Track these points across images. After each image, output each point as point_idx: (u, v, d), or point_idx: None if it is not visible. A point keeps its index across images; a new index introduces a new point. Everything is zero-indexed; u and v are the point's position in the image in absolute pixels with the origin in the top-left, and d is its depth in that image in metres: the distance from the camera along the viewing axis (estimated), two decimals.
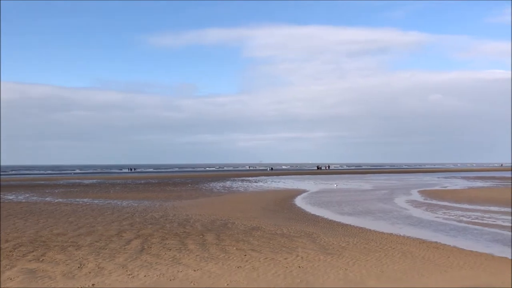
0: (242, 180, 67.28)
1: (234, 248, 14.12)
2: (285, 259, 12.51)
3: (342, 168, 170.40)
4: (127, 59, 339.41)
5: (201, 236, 16.33)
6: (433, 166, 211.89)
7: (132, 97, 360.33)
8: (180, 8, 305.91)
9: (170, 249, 13.86)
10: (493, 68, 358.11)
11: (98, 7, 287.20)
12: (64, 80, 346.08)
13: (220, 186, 51.49)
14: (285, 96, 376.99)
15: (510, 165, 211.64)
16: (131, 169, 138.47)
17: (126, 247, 14.27)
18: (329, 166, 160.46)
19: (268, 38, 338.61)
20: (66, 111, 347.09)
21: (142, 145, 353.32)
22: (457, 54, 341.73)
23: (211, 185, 54.31)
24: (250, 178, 74.86)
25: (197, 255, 12.98)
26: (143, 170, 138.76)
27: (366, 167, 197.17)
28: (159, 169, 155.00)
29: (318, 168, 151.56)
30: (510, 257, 13.17)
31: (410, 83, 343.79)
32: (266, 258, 12.65)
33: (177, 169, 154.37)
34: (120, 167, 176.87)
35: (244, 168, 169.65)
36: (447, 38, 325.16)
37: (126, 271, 11.18)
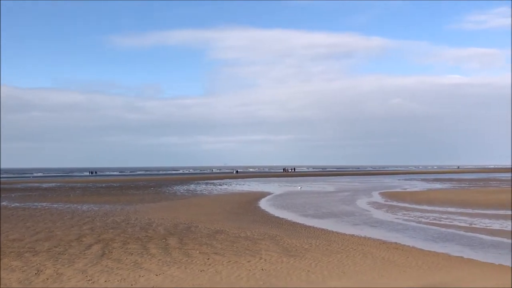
0: (207, 183, 66.97)
1: (197, 251, 14.03)
2: (248, 262, 12.52)
3: (307, 170, 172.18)
4: (90, 59, 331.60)
5: (164, 240, 16.14)
6: (394, 168, 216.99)
7: (95, 98, 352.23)
8: (145, 9, 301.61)
9: (132, 254, 13.63)
10: (451, 74, 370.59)
11: (61, 7, 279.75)
12: (23, 80, 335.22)
13: (184, 190, 51.06)
14: (250, 99, 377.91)
15: (466, 167, 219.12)
16: (92, 172, 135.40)
17: (86, 252, 13.95)
18: (294, 169, 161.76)
19: (234, 41, 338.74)
20: (24, 112, 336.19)
21: (105, 148, 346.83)
22: (418, 59, 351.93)
23: (174, 188, 53.79)
24: (214, 181, 74.59)
25: (159, 259, 12.82)
26: (104, 173, 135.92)
27: (330, 169, 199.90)
28: (122, 172, 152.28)
29: (284, 170, 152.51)
30: (465, 257, 13.63)
31: (372, 87, 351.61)
32: (230, 261, 12.62)
33: (140, 172, 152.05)
34: (82, 170, 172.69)
35: (208, 170, 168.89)
36: (408, 44, 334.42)
37: (86, 276, 10.93)
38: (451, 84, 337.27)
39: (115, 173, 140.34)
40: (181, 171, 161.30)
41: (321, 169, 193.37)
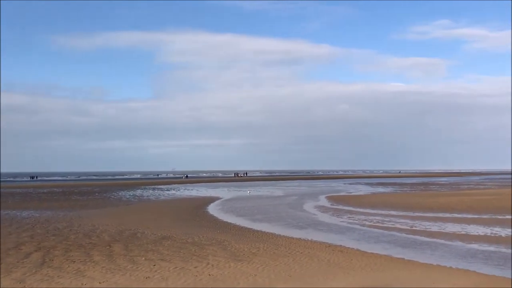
0: (154, 189, 65.82)
1: (143, 258, 13.76)
2: (195, 267, 12.43)
3: (259, 175, 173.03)
4: (32, 60, 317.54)
5: (108, 247, 15.72)
6: (341, 173, 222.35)
7: (37, 101, 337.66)
8: (92, 9, 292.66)
9: (74, 261, 13.18)
10: (395, 82, 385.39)
11: (5, 6, 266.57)
12: None
13: (129, 195, 49.95)
14: (200, 103, 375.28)
15: (408, 172, 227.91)
16: (33, 177, 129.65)
17: (25, 260, 13.34)
18: (246, 173, 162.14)
19: (185, 44, 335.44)
20: None
21: (48, 152, 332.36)
22: (363, 67, 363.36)
23: (120, 194, 52.50)
24: (162, 186, 73.44)
25: (103, 267, 12.47)
26: (47, 178, 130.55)
27: (281, 173, 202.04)
28: (65, 177, 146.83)
29: (236, 175, 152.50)
30: (406, 258, 14.15)
31: (321, 93, 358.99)
32: (176, 267, 12.47)
33: (84, 177, 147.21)
34: (23, 175, 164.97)
35: (156, 176, 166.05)
36: (355, 52, 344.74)
37: (24, 286, 10.45)
38: (394, 91, 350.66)
39: (58, 178, 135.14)
40: (127, 176, 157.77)
41: (271, 174, 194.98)
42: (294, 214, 28.70)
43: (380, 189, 60.73)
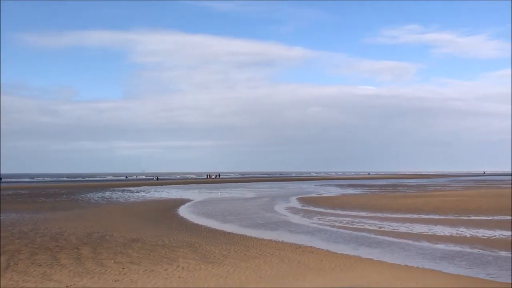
0: (123, 190, 64.88)
1: (112, 261, 13.54)
2: (165, 270, 12.31)
3: (231, 176, 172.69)
4: None
5: (76, 250, 15.40)
6: (315, 174, 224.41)
7: (4, 100, 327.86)
8: (62, 7, 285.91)
9: (40, 265, 12.85)
10: (366, 85, 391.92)
11: None
12: None
13: (98, 197, 49.10)
14: (173, 104, 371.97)
15: (378, 173, 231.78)
16: None
17: None
18: (219, 175, 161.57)
19: (157, 44, 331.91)
20: None
21: (14, 153, 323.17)
22: (335, 70, 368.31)
23: (89, 195, 51.55)
24: (132, 188, 72.47)
25: (70, 270, 12.20)
26: (12, 179, 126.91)
27: (253, 175, 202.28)
28: (32, 178, 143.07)
29: (208, 176, 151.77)
30: (375, 258, 14.37)
31: (293, 95, 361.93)
32: (146, 270, 12.32)
33: (52, 178, 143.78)
34: None
35: (125, 177, 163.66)
36: (327, 55, 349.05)
37: None
38: (365, 94, 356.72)
39: (24, 179, 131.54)
40: (96, 178, 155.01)
41: (244, 175, 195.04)
42: (265, 216, 28.77)
43: (350, 191, 61.52)
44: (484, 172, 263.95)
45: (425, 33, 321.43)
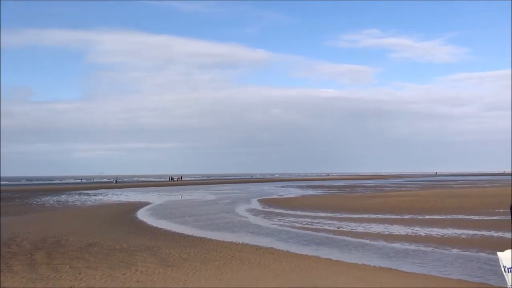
0: (80, 194, 63.24)
1: (68, 266, 13.17)
2: (123, 274, 12.08)
3: (194, 179, 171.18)
4: None
5: (30, 256, 14.88)
6: (278, 176, 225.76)
7: None
8: (19, 4, 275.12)
9: None
10: (326, 87, 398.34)
11: None
12: None
13: (54, 201, 47.64)
14: (133, 105, 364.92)
15: (336, 174, 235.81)
16: None
17: None
18: (181, 177, 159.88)
19: (118, 44, 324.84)
20: None
21: None
22: (297, 72, 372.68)
23: (43, 199, 49.94)
24: (89, 191, 70.73)
25: (23, 277, 11.78)
26: None
27: (215, 177, 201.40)
28: None
29: (171, 179, 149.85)
30: (333, 258, 14.61)
31: (256, 97, 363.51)
32: (103, 274, 12.06)
33: (4, 182, 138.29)
34: None
35: (81, 180, 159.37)
36: (289, 58, 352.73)
37: None
38: (326, 97, 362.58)
39: None
40: (52, 181, 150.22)
41: (206, 177, 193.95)
42: (226, 218, 28.72)
43: (310, 192, 62.29)
44: (436, 173, 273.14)
45: (384, 38, 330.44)
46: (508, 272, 7.25)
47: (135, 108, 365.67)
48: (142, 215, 31.53)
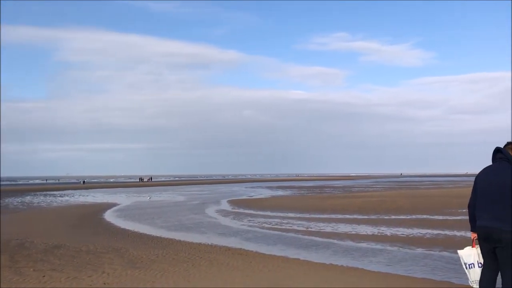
0: (45, 195, 61.73)
1: (31, 269, 12.85)
2: (90, 277, 11.88)
3: (163, 180, 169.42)
4: None
5: None
6: (250, 176, 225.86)
7: None
8: None
9: None
10: (296, 89, 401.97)
11: None
12: None
13: (17, 202, 46.36)
14: (101, 105, 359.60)
15: (306, 175, 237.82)
16: None
17: None
18: (151, 178, 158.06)
19: (86, 43, 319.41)
20: None
21: None
22: (268, 74, 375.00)
23: (6, 200, 48.52)
24: (55, 192, 69.12)
25: None
26: None
27: (186, 178, 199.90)
28: None
29: (141, 180, 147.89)
30: (301, 258, 14.76)
31: (227, 98, 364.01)
32: (69, 277, 11.82)
33: None
34: None
35: (46, 181, 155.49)
36: (260, 59, 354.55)
37: None
38: (296, 99, 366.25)
39: None
40: (16, 182, 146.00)
41: (177, 178, 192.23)
42: (195, 219, 28.60)
43: (280, 192, 62.63)
44: (401, 174, 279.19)
45: (353, 41, 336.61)
46: (469, 268, 7.49)
47: (103, 108, 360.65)
48: (109, 216, 31.05)
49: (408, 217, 26.16)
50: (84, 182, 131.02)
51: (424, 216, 26.33)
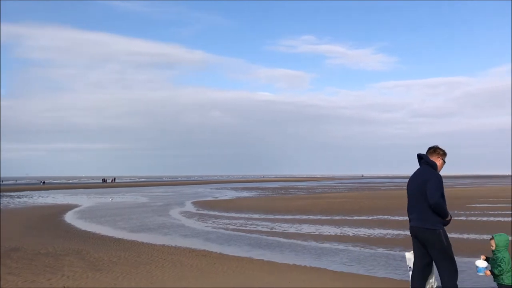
0: (2, 196, 59.62)
1: None
2: (48, 280, 11.56)
3: (128, 181, 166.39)
4: None
5: None
6: (219, 177, 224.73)
7: None
8: None
9: None
10: (263, 91, 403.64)
11: None
12: None
13: None
14: (63, 104, 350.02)
15: (272, 176, 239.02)
16: None
17: None
18: (114, 179, 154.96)
19: (49, 40, 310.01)
20: None
21: None
22: (235, 75, 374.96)
23: None
24: (12, 193, 66.88)
25: None
26: None
27: (150, 179, 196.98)
28: None
29: (104, 181, 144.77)
30: (265, 259, 14.82)
31: (194, 99, 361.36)
32: (26, 280, 11.47)
33: None
34: None
35: (2, 182, 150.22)
36: (228, 60, 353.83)
37: None
38: (263, 100, 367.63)
39: None
40: None
41: (140, 180, 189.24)
42: (159, 221, 28.26)
43: (245, 194, 62.67)
44: (363, 175, 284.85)
45: (319, 44, 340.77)
46: (409, 270, 7.87)
47: (65, 107, 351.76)
48: (70, 218, 30.30)
49: (370, 218, 26.67)
50: (44, 182, 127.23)
51: (385, 217, 26.91)
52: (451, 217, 7.45)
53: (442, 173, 7.70)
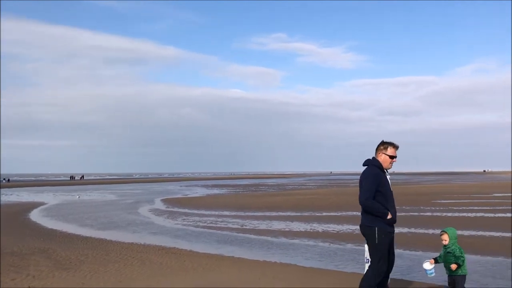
0: None
1: None
2: (13, 280, 11.27)
3: (96, 178, 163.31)
4: None
5: None
6: (190, 174, 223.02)
7: None
8: None
9: None
10: (235, 88, 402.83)
11: None
12: None
13: None
14: (29, 99, 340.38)
15: (243, 173, 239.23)
16: None
17: None
18: (83, 176, 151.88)
19: (14, 33, 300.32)
20: None
21: None
22: (207, 72, 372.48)
23: None
24: None
25: None
26: None
27: (119, 177, 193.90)
28: None
29: (72, 178, 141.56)
30: (236, 256, 14.84)
31: (165, 95, 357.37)
32: None
33: None
34: None
35: None
36: (200, 57, 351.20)
37: None
38: (234, 97, 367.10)
39: None
40: None
41: (109, 177, 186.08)
42: (127, 218, 27.91)
43: (216, 191, 62.53)
44: (331, 172, 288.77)
45: (290, 42, 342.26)
46: (366, 262, 8.21)
47: (31, 103, 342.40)
48: (35, 216, 29.58)
49: (339, 214, 27.04)
50: (8, 180, 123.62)
51: (354, 213, 27.33)
52: (390, 215, 7.54)
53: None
